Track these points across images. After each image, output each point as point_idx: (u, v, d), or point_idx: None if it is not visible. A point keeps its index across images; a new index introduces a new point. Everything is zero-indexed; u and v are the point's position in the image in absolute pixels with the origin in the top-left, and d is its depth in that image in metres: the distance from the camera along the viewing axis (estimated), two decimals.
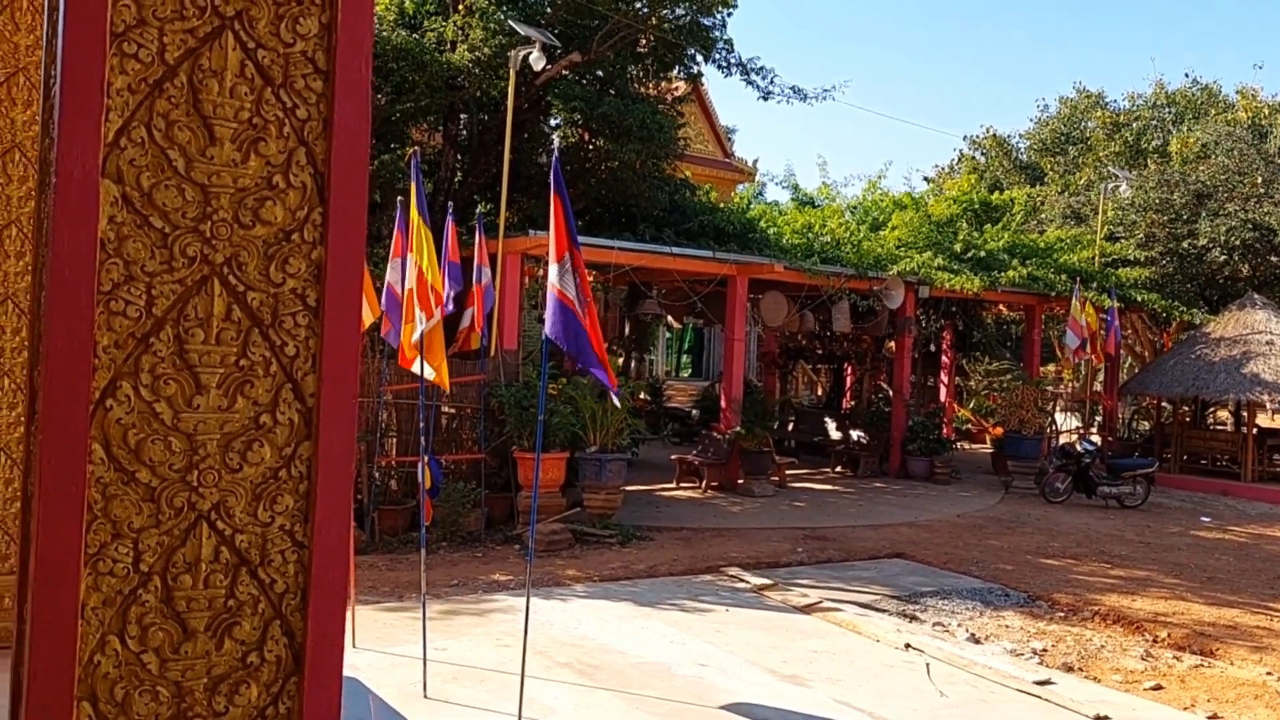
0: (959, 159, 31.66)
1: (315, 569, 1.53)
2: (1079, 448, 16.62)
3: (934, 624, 8.87)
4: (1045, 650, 8.32)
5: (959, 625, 8.87)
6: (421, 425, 6.90)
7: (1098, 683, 7.68)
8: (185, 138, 1.48)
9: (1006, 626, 8.92)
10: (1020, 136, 30.46)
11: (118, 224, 1.43)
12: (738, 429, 15.21)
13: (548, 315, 5.72)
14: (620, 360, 20.34)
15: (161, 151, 1.46)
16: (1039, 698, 6.92)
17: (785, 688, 6.84)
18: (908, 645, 7.87)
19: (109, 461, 1.41)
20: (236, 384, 1.52)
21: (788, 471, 16.71)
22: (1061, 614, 9.43)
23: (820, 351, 22.15)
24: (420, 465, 9.06)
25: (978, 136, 30.85)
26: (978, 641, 8.43)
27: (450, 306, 10.27)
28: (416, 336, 6.64)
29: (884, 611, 9.13)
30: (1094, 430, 20.90)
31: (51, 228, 1.35)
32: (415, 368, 6.61)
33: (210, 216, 1.50)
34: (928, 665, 7.47)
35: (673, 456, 16.42)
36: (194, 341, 1.49)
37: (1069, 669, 7.91)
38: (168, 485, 1.46)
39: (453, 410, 12.20)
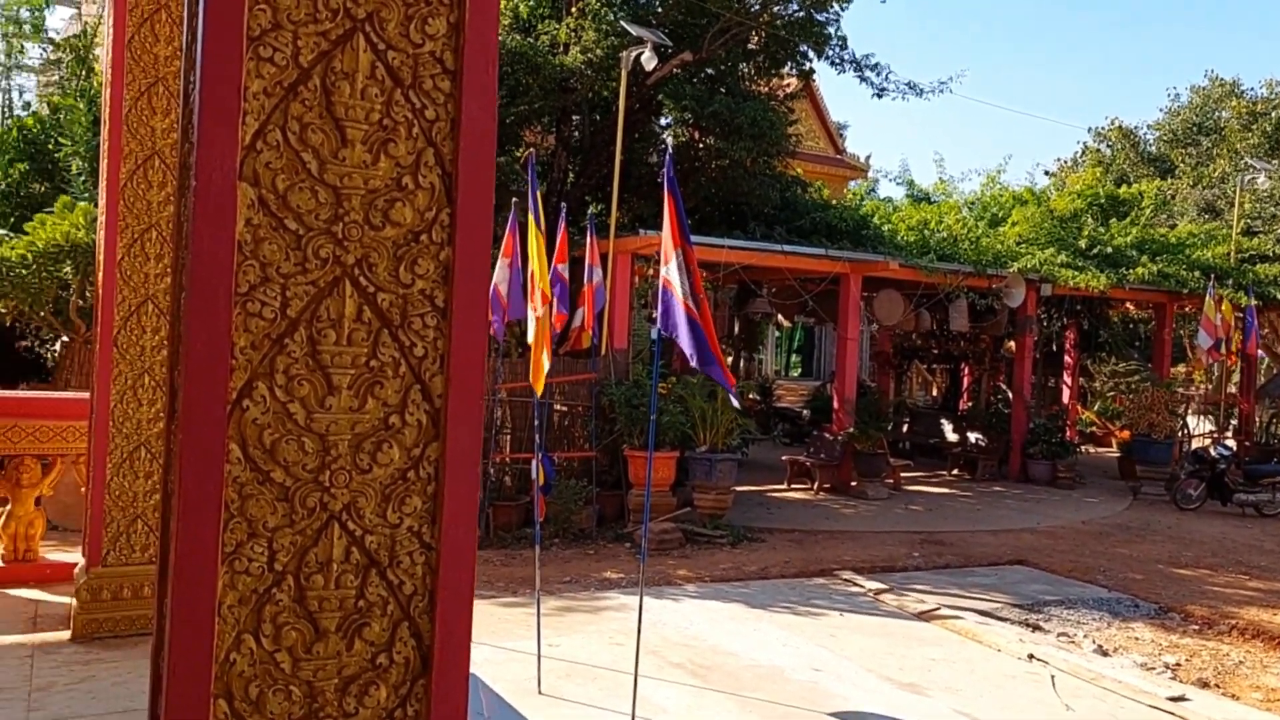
0: (1082, 152, 30.55)
1: (442, 571, 1.53)
2: (1213, 452, 15.85)
3: (1058, 634, 8.55)
4: (1179, 665, 7.94)
5: (1085, 636, 8.53)
6: (536, 423, 6.96)
7: (1236, 700, 7.29)
8: (318, 140, 1.50)
9: (1136, 639, 8.54)
10: (1148, 128, 29.23)
11: (254, 226, 1.46)
12: (851, 430, 14.97)
13: (660, 312, 5.70)
14: (730, 359, 20.25)
15: (296, 154, 1.48)
16: (1172, 714, 6.60)
17: (902, 696, 6.68)
18: (1031, 656, 7.60)
19: (245, 461, 1.44)
20: (367, 385, 1.53)
21: (902, 474, 16.37)
22: (1196, 627, 8.99)
23: (936, 351, 21.64)
24: (534, 463, 9.18)
25: (1102, 129, 29.72)
26: (1105, 654, 8.09)
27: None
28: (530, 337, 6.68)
29: (1005, 620, 8.84)
30: (1229, 434, 19.91)
31: (191, 230, 1.38)
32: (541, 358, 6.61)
33: (342, 218, 1.51)
34: (1053, 677, 7.20)
35: (783, 457, 16.26)
36: (326, 342, 1.50)
37: (1204, 685, 7.53)
38: (301, 485, 1.48)
39: (565, 408, 12.31)
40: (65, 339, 12.47)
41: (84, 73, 15.34)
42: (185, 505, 1.36)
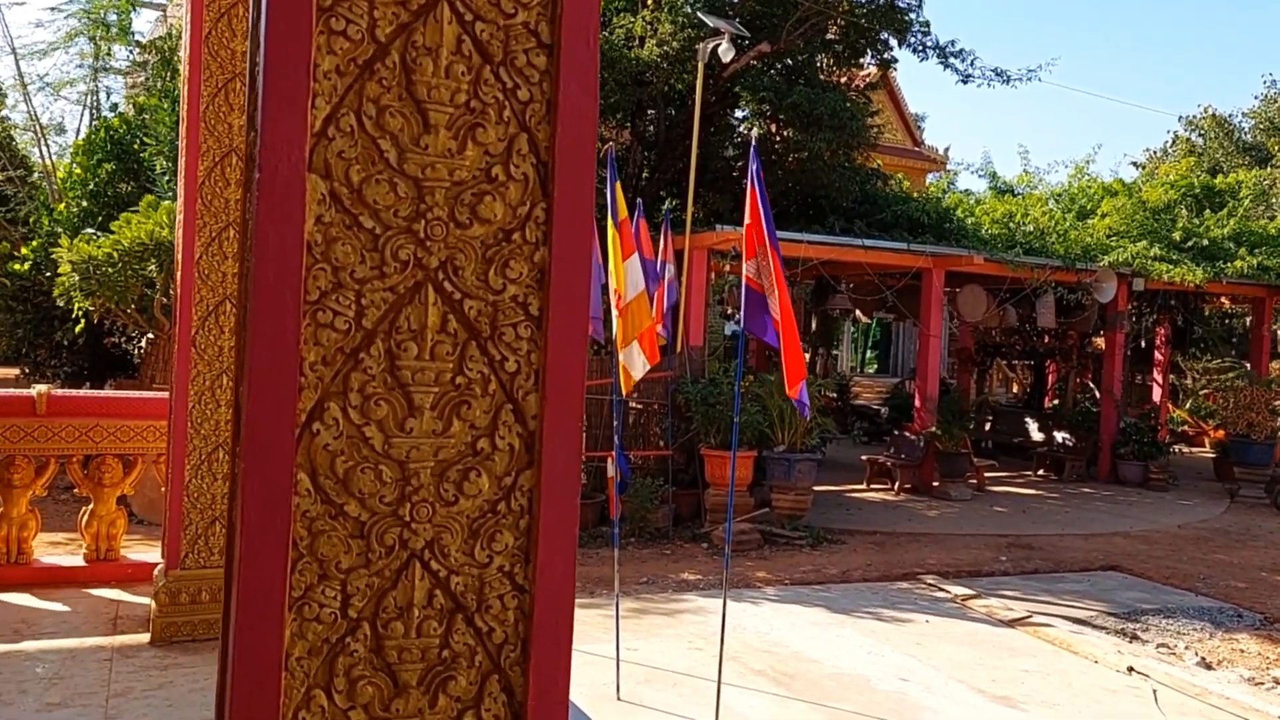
0: (1173, 141, 29.45)
1: (537, 616, 1.34)
2: None
3: (1158, 645, 8.15)
4: None
5: (1186, 648, 8.11)
6: (616, 423, 6.80)
7: None
8: (397, 125, 1.32)
9: (1241, 651, 8.09)
10: (1243, 115, 28.05)
11: (325, 224, 1.28)
12: (933, 429, 14.56)
13: (743, 307, 5.49)
14: (806, 356, 19.90)
15: (372, 141, 1.30)
16: None
17: (996, 710, 6.39)
18: (1130, 669, 7.23)
19: (315, 493, 1.26)
20: (452, 405, 1.35)
21: (986, 474, 15.90)
22: None
23: (1020, 348, 21.00)
24: (609, 461, 9.03)
25: (1194, 117, 28.60)
26: (1209, 667, 7.68)
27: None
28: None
29: (1100, 629, 8.45)
30: None
31: (254, 229, 1.21)
32: (627, 361, 6.38)
33: (424, 215, 1.33)
34: (1154, 692, 6.83)
35: (863, 456, 15.90)
36: (406, 357, 1.32)
37: None
38: (378, 520, 1.31)
39: (640, 406, 12.16)
40: (150, 336, 12.69)
41: (169, 74, 15.61)
42: (248, 542, 1.20)
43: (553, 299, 1.34)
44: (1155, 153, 29.69)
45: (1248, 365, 18.70)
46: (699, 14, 12.19)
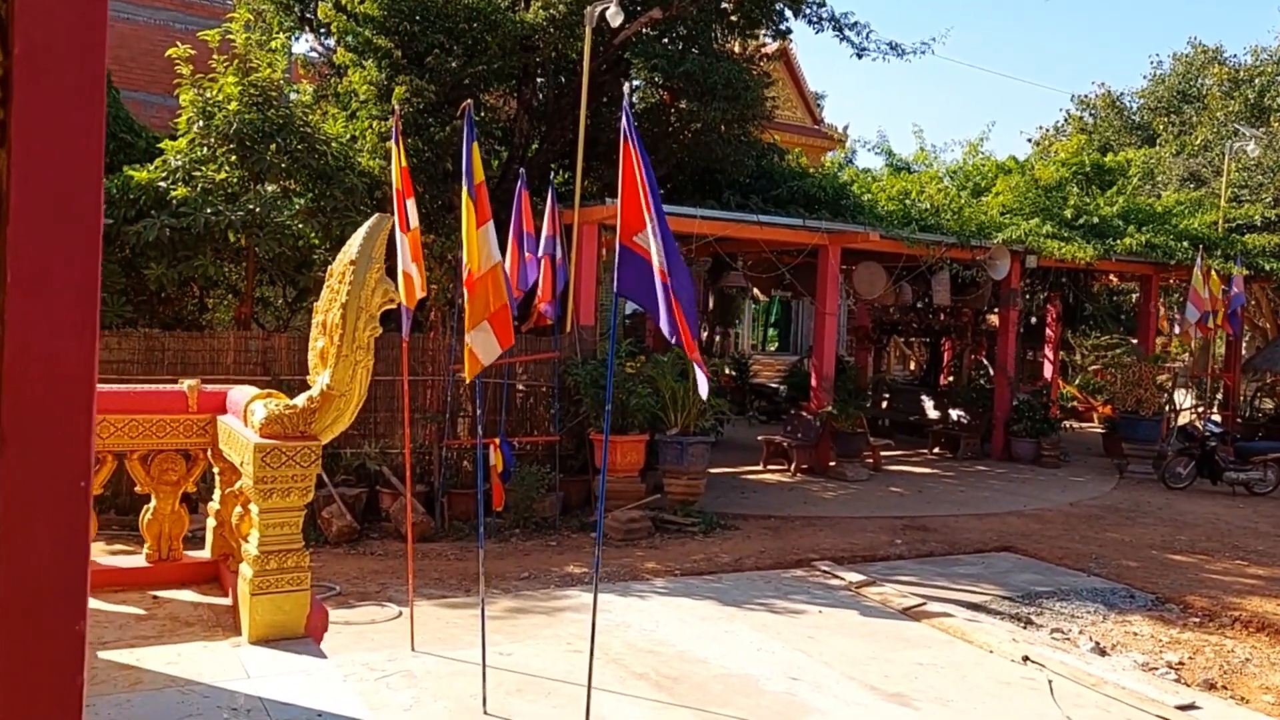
0: (1065, 119, 29.90)
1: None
2: (1203, 429, 15.33)
3: (1052, 630, 7.96)
4: (1182, 664, 7.37)
5: (1081, 632, 7.94)
6: (477, 412, 6.23)
7: (1246, 704, 6.73)
8: None
9: (1135, 634, 7.96)
10: (1132, 95, 28.61)
11: None
12: (829, 408, 14.32)
13: (616, 268, 4.95)
14: (704, 335, 19.54)
15: None
16: None
17: (888, 709, 6.04)
18: (1026, 658, 6.99)
19: None
20: None
21: (883, 453, 15.77)
22: (1196, 619, 8.43)
23: (916, 325, 21.01)
24: (492, 448, 8.44)
25: (1088, 95, 29.07)
26: (1104, 653, 7.51)
27: (530, 278, 9.64)
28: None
29: (995, 614, 8.24)
30: (1214, 410, 19.45)
31: None
32: (474, 344, 5.85)
33: None
34: (1050, 683, 6.59)
35: (760, 437, 15.61)
36: None
37: (1211, 687, 6.97)
38: None
39: (527, 389, 11.58)
40: None
41: None
42: None
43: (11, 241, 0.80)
44: (1049, 130, 30.11)
45: (1135, 342, 18.98)
46: None
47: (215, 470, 4.81)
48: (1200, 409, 18.63)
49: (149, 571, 4.75)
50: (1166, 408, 17.38)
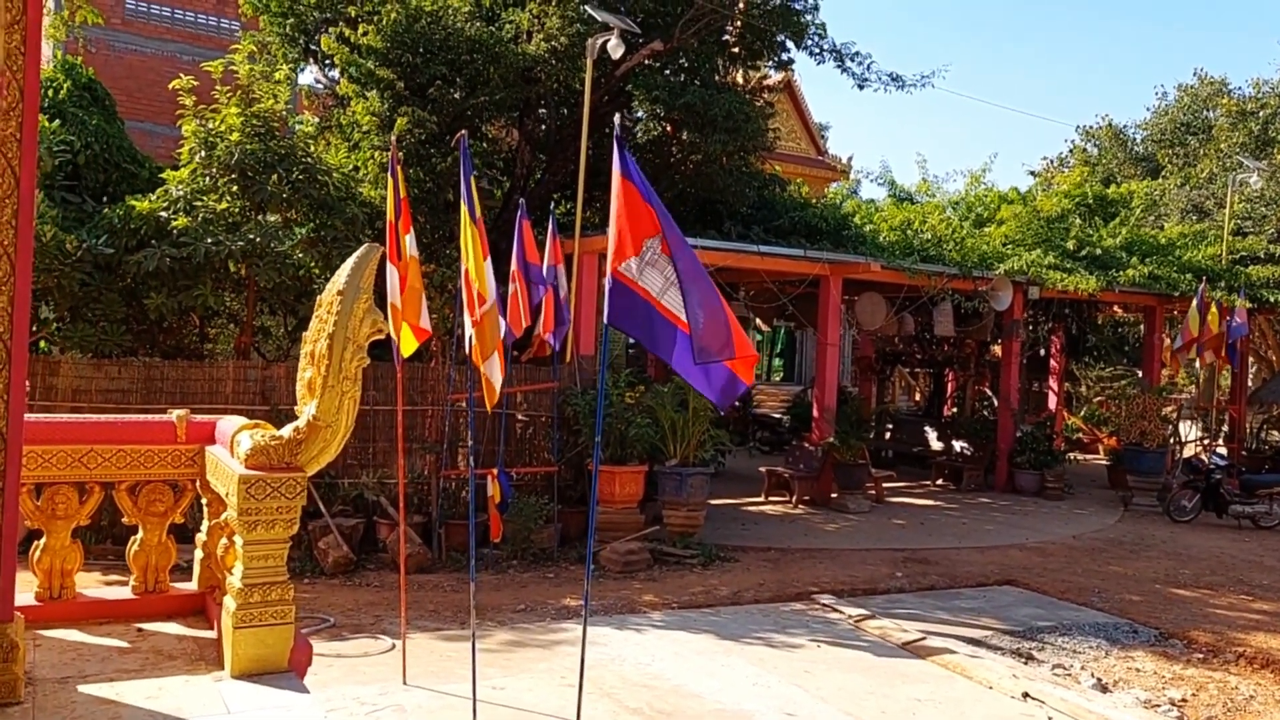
0: (1069, 151, 29.96)
1: None
2: (1208, 461, 15.22)
3: (1054, 666, 7.86)
4: (1185, 701, 7.27)
5: (1082, 668, 7.84)
6: (472, 443, 6.19)
7: None
8: None
9: (1137, 670, 7.86)
10: (1136, 127, 28.68)
11: None
12: (831, 440, 14.26)
13: (607, 298, 4.92)
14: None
15: None
16: None
17: None
18: (1026, 695, 6.90)
19: None
20: None
21: (885, 485, 15.69)
22: (1200, 655, 8.32)
23: (920, 356, 20.96)
24: (490, 478, 8.41)
25: (1091, 127, 29.14)
26: (1105, 689, 7.40)
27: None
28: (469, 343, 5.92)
29: (996, 649, 8.14)
30: (1219, 442, 19.32)
31: None
32: (489, 373, 5.84)
33: None
34: None
35: (761, 467, 15.54)
36: None
37: None
38: None
39: (526, 419, 11.54)
40: None
41: None
42: None
43: None
44: (1053, 162, 30.17)
45: (1140, 373, 18.91)
46: (587, 7, 11.67)
47: (203, 501, 4.77)
48: (1206, 441, 18.51)
49: (135, 603, 4.70)
50: (1171, 440, 17.29)
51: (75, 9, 12.37)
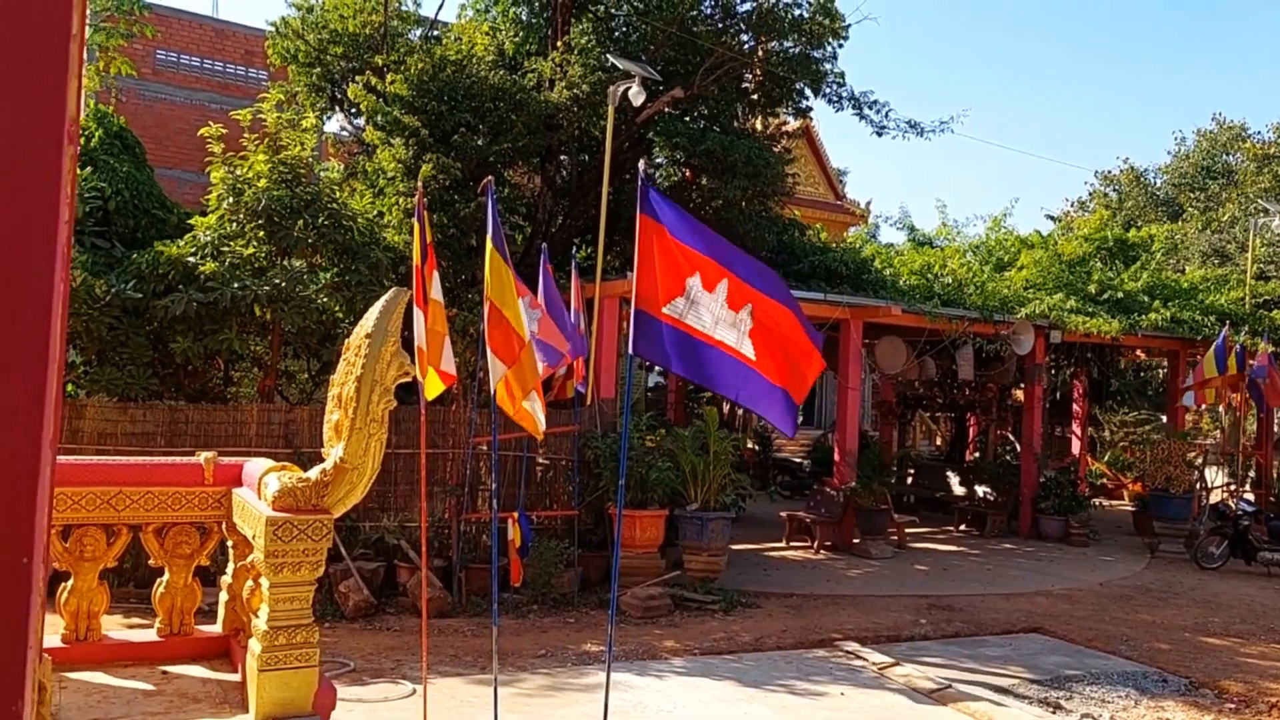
0: (1090, 195, 30.00)
1: None
2: (1235, 508, 15.03)
3: (1082, 715, 7.73)
4: None
5: (1111, 718, 7.71)
6: (494, 486, 6.20)
7: None
8: None
9: None
10: (1156, 171, 28.71)
11: None
12: (853, 484, 14.18)
13: (631, 332, 4.96)
14: (726, 409, 19.47)
15: None
16: None
17: None
18: None
19: None
20: None
21: (907, 530, 15.55)
22: (1232, 705, 8.16)
23: (941, 400, 20.87)
24: (510, 522, 8.40)
25: (1111, 171, 29.19)
26: None
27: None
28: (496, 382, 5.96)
29: (1023, 698, 8.02)
30: (1246, 488, 19.07)
31: None
32: (533, 410, 5.90)
33: None
34: None
35: (782, 512, 15.45)
36: None
37: None
38: None
39: (547, 462, 11.55)
40: None
41: None
42: None
43: None
44: (1073, 205, 30.21)
45: (1164, 418, 18.75)
46: (609, 57, 11.84)
47: (229, 543, 4.79)
48: (1232, 487, 18.29)
49: (160, 646, 4.71)
50: (1198, 485, 17.09)
51: (109, 60, 12.64)
